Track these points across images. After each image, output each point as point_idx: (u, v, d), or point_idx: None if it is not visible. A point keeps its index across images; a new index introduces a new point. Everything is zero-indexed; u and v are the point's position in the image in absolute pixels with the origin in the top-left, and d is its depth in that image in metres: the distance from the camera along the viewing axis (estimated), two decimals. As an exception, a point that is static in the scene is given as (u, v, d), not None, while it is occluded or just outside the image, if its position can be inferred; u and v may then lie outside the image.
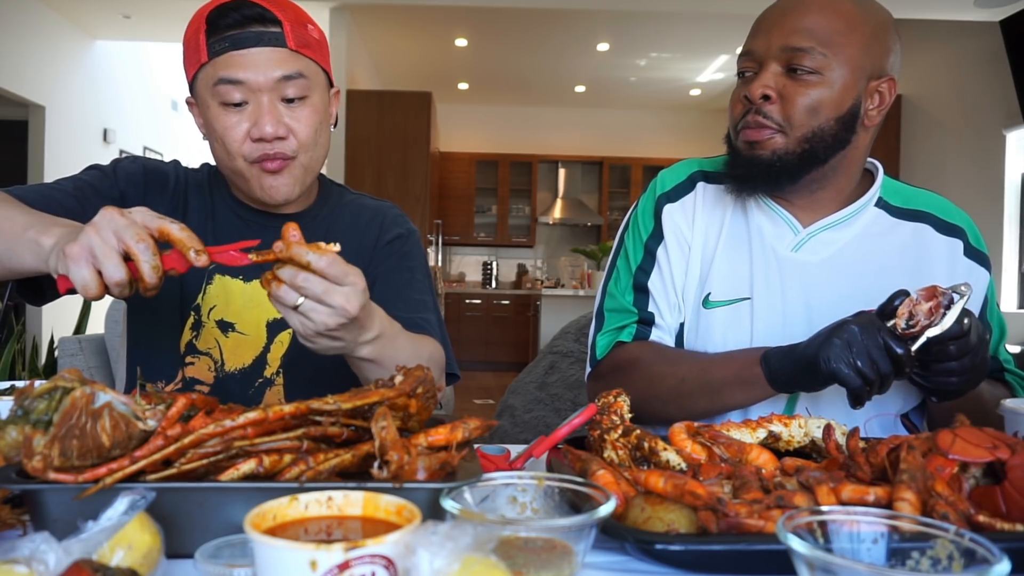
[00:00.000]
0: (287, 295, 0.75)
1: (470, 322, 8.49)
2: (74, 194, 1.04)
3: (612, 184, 9.12)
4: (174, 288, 1.12)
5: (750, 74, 1.09)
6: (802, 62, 1.03)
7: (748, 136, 1.08)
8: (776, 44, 1.05)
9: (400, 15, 6.05)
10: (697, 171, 1.22)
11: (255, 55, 1.01)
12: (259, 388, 1.14)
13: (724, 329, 1.13)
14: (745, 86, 1.09)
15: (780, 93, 1.05)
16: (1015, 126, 5.27)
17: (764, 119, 1.06)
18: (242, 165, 1.06)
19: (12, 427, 0.60)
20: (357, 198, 1.28)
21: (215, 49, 1.02)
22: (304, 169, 1.09)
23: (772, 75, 1.06)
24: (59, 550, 0.47)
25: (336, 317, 0.77)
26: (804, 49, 1.03)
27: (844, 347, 0.91)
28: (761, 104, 1.06)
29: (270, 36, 1.02)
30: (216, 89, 1.02)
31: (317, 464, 0.62)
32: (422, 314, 1.13)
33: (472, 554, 0.45)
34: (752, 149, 1.08)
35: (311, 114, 1.06)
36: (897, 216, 1.16)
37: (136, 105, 6.72)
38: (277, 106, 1.04)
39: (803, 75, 1.04)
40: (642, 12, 5.73)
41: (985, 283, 1.16)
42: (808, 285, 1.12)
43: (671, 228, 1.18)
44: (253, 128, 1.03)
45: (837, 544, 0.53)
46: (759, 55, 1.07)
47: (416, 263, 1.22)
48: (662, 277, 1.18)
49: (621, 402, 0.86)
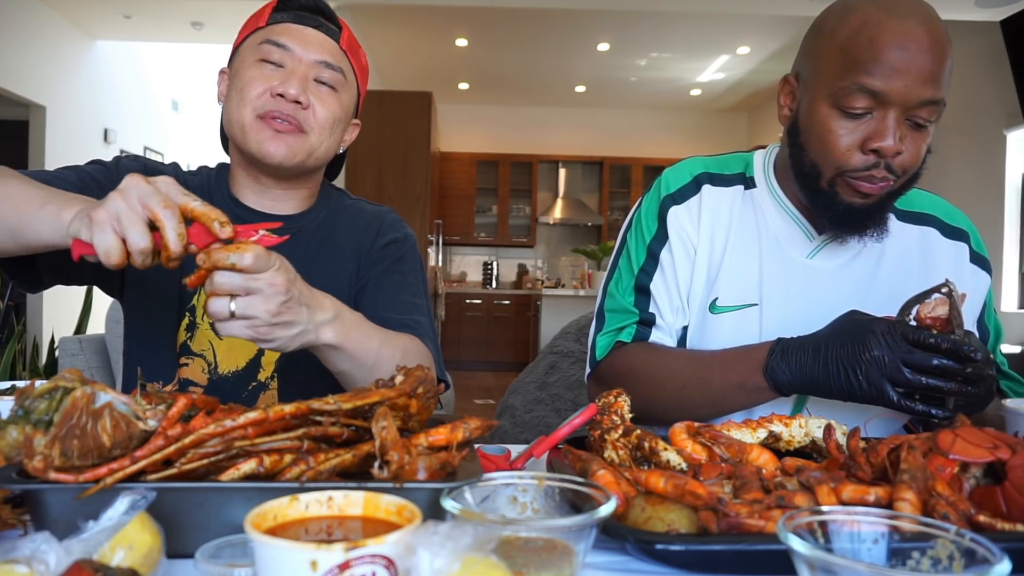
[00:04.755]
0: (217, 306, 0.74)
1: (470, 322, 8.49)
2: (78, 184, 1.04)
3: (612, 184, 9.12)
4: (172, 287, 1.12)
5: (865, 115, 0.97)
6: (928, 115, 0.96)
7: (865, 189, 0.99)
8: (915, 94, 0.94)
9: (400, 15, 6.05)
10: (702, 173, 1.19)
11: (309, 33, 1.10)
12: (253, 392, 1.13)
13: (731, 334, 1.12)
14: (855, 126, 0.98)
15: (902, 142, 0.97)
16: (1015, 126, 5.27)
17: (889, 173, 0.98)
18: (248, 116, 1.07)
19: (13, 427, 0.60)
20: (356, 202, 1.29)
21: (276, 18, 1.11)
22: (309, 149, 1.10)
23: (899, 125, 0.96)
24: (60, 550, 0.47)
25: (271, 298, 0.76)
26: (937, 102, 0.95)
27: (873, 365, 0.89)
28: (892, 159, 0.97)
29: (328, 29, 1.13)
30: (261, 47, 1.08)
31: (317, 464, 0.62)
32: (413, 316, 1.13)
33: (472, 554, 0.45)
34: (863, 198, 1.01)
35: (335, 104, 1.11)
36: (904, 219, 1.16)
37: (136, 105, 6.72)
38: (309, 80, 1.09)
39: (922, 123, 0.97)
40: (642, 12, 5.73)
41: (986, 287, 1.16)
42: (824, 292, 1.11)
43: (676, 230, 1.16)
44: (279, 84, 1.06)
45: (837, 544, 0.53)
46: (889, 99, 0.94)
47: (409, 267, 1.22)
48: (665, 279, 1.17)
49: (622, 402, 0.86)
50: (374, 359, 0.95)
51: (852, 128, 0.98)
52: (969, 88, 5.74)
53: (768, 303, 1.12)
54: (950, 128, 5.98)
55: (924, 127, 0.97)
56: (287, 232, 1.16)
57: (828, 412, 1.01)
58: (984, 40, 5.38)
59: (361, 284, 1.19)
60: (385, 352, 0.97)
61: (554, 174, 9.27)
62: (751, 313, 1.12)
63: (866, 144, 0.97)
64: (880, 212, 1.03)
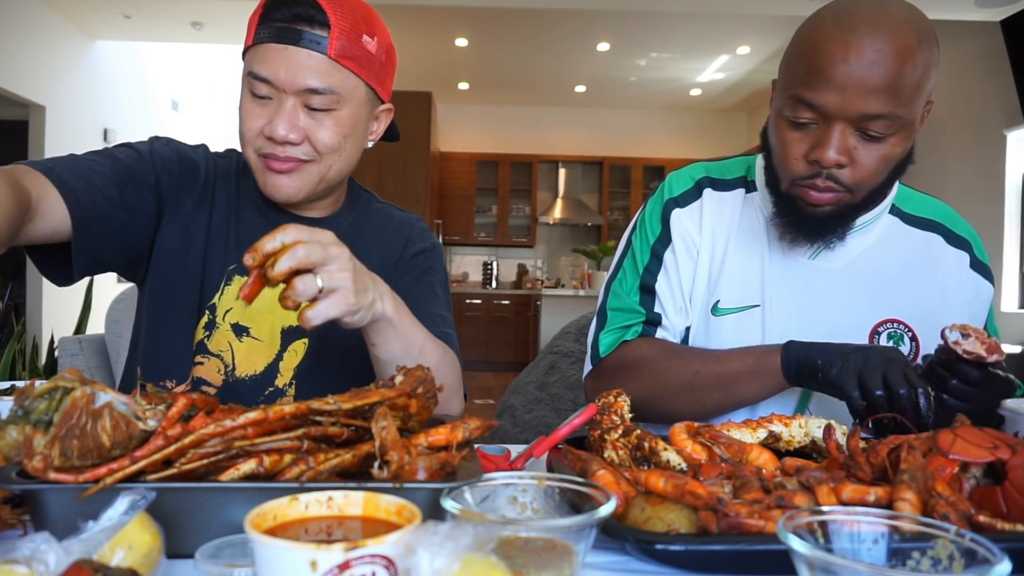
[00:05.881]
0: (305, 285, 0.74)
1: (470, 322, 8.49)
2: (113, 179, 1.02)
3: (612, 184, 9.12)
4: (194, 282, 1.10)
5: (811, 125, 0.99)
6: (876, 128, 0.95)
7: (812, 198, 1.01)
8: (853, 109, 0.94)
9: (400, 15, 6.04)
10: (704, 177, 1.21)
11: (290, 55, 0.99)
12: (269, 397, 1.11)
13: (733, 336, 1.12)
14: (802, 138, 1.00)
15: (850, 156, 0.98)
16: (1015, 126, 5.27)
17: (835, 184, 0.99)
18: (252, 155, 1.05)
19: (12, 427, 0.59)
20: (384, 207, 1.27)
21: (259, 36, 1.02)
22: (319, 176, 1.07)
23: (844, 137, 0.97)
24: (59, 550, 0.47)
25: (347, 264, 0.76)
26: (883, 116, 0.94)
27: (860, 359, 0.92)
28: (832, 170, 0.98)
29: (311, 39, 0.99)
30: (248, 79, 1.03)
31: (317, 464, 0.62)
32: (442, 329, 1.12)
33: (472, 554, 0.45)
34: (815, 207, 1.02)
35: (334, 125, 1.04)
36: (910, 224, 1.16)
37: (136, 105, 6.72)
38: (298, 111, 1.02)
39: (875, 136, 0.97)
40: (642, 12, 5.73)
41: (988, 296, 1.17)
42: (826, 293, 1.11)
43: (680, 232, 1.18)
44: (267, 126, 1.01)
45: (837, 544, 0.53)
46: (828, 112, 0.96)
47: (437, 278, 1.22)
48: (668, 280, 1.18)
49: (621, 402, 0.86)
50: (420, 349, 0.94)
51: (799, 138, 1.00)
52: (969, 88, 5.74)
53: (770, 304, 1.12)
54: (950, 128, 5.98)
55: (880, 139, 0.97)
56: None
57: (828, 412, 1.01)
58: (984, 40, 5.38)
59: None
60: (428, 348, 0.96)
61: (554, 174, 9.27)
62: (753, 315, 1.12)
63: (809, 154, 0.99)
64: (837, 224, 1.04)
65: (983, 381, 0.90)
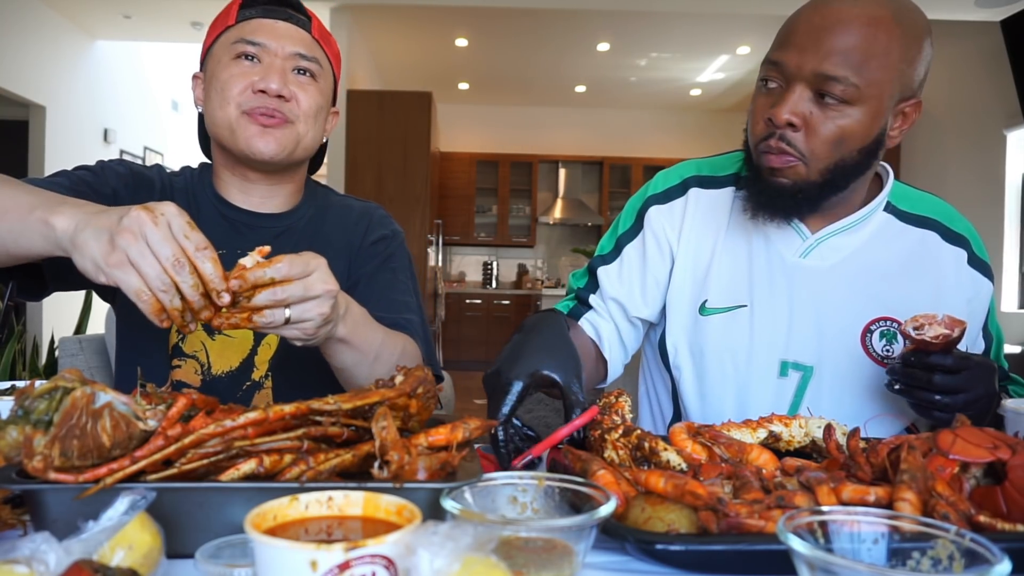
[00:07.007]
0: (273, 315, 0.74)
1: (470, 322, 8.48)
2: (72, 188, 1.04)
3: (612, 184, 9.12)
4: None
5: (775, 86, 1.01)
6: (833, 91, 0.95)
7: (769, 162, 1.01)
8: (809, 67, 0.95)
9: (400, 15, 6.05)
10: (692, 176, 1.21)
11: (280, 27, 1.10)
12: (247, 391, 1.13)
13: (721, 336, 1.12)
14: (768, 100, 1.01)
15: (806, 120, 0.98)
16: (1015, 126, 5.27)
17: (787, 146, 0.99)
18: (233, 114, 1.07)
19: (12, 427, 0.59)
20: (343, 199, 1.29)
21: (244, 15, 1.11)
22: (297, 139, 1.11)
23: (800, 99, 0.97)
24: (59, 550, 0.47)
25: (325, 302, 0.77)
26: (837, 78, 0.94)
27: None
28: (785, 130, 0.99)
29: (297, 20, 1.12)
30: (234, 46, 1.08)
31: (317, 464, 0.62)
32: (404, 315, 1.14)
33: (472, 554, 0.45)
34: (773, 175, 1.02)
35: (316, 92, 1.12)
36: (905, 221, 1.14)
37: (136, 105, 6.72)
38: (288, 72, 1.09)
39: (832, 103, 0.96)
40: (642, 12, 5.73)
41: (988, 294, 1.15)
42: (816, 291, 1.10)
43: (652, 229, 1.19)
44: (260, 80, 1.06)
45: (838, 544, 0.53)
46: (788, 72, 0.98)
47: (399, 264, 1.23)
48: (621, 271, 1.20)
49: (622, 402, 0.86)
50: (375, 354, 0.95)
51: (764, 101, 1.02)
52: (969, 88, 5.75)
53: (758, 304, 1.11)
54: (950, 128, 5.98)
55: (836, 108, 0.96)
56: (277, 233, 1.17)
57: (828, 412, 1.01)
58: (984, 40, 5.39)
59: (352, 282, 1.19)
60: (386, 349, 0.98)
61: (554, 174, 9.27)
62: (741, 314, 1.12)
63: (767, 113, 1.00)
64: (794, 200, 1.03)
65: (961, 365, 0.92)
